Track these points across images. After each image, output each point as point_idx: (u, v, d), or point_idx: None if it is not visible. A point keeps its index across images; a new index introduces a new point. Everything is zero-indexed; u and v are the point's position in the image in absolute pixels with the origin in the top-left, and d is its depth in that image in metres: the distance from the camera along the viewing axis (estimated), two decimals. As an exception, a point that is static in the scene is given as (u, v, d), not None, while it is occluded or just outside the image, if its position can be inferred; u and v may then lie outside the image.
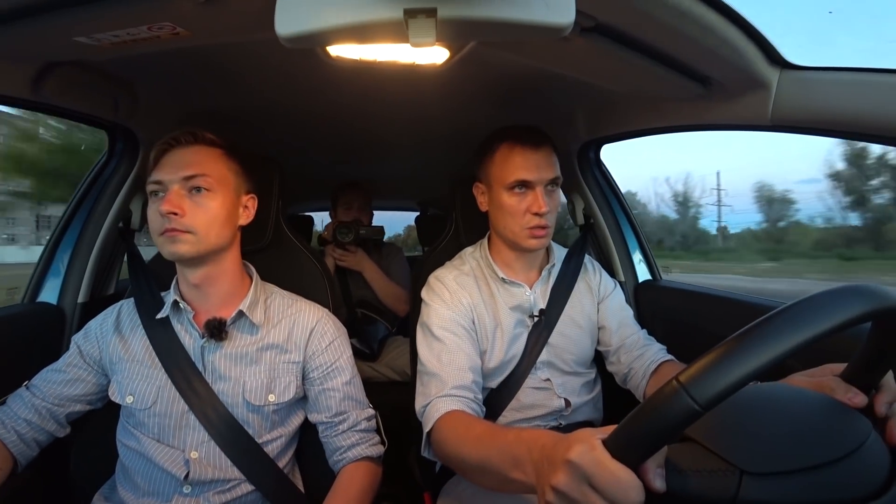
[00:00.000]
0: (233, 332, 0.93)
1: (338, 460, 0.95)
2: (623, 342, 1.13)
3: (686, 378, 0.42)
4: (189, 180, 0.86)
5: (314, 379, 0.96)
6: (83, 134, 6.50)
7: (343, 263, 1.86)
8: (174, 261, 0.89)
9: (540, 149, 1.03)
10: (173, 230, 0.83)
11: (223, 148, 0.93)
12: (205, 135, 0.91)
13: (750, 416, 0.51)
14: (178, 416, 0.89)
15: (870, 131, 0.75)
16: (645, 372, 1.06)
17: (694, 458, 0.48)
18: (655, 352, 1.09)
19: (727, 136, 3.19)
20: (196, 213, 0.85)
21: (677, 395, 0.42)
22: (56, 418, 0.91)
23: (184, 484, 0.87)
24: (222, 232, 0.89)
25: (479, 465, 0.73)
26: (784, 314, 0.43)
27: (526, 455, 0.61)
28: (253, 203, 0.97)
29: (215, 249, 0.89)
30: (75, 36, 0.74)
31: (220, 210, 0.88)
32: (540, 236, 1.04)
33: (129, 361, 0.92)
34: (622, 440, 0.46)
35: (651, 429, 0.44)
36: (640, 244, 1.53)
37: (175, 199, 0.84)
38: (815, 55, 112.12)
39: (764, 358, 0.41)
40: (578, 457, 0.48)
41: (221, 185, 0.89)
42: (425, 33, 0.52)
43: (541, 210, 1.01)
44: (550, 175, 1.03)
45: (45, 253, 1.24)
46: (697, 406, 0.41)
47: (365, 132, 1.65)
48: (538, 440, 0.60)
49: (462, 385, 0.93)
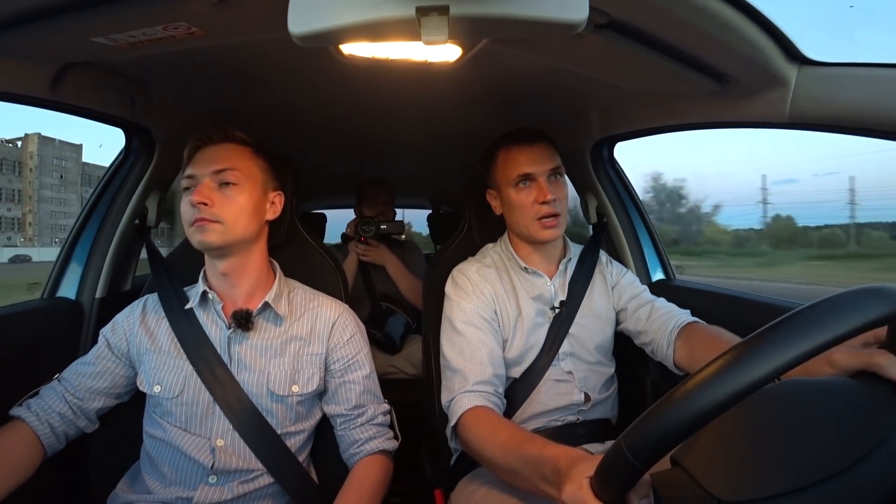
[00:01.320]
0: (259, 323, 0.95)
1: (354, 453, 0.96)
2: (640, 317, 1.13)
3: (626, 435, 0.46)
4: (219, 174, 0.90)
5: (335, 371, 0.98)
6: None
7: (366, 258, 1.89)
8: (203, 250, 0.92)
9: (536, 144, 1.09)
10: (203, 220, 0.87)
11: (252, 147, 0.97)
12: (235, 133, 0.96)
13: (737, 436, 0.51)
14: (205, 405, 0.91)
15: (892, 129, 0.73)
16: (669, 340, 1.05)
17: (676, 485, 0.49)
18: (676, 316, 1.08)
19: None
20: (225, 205, 0.89)
21: (620, 449, 0.45)
22: (86, 414, 0.94)
23: (210, 474, 0.88)
24: (249, 224, 0.92)
25: (507, 470, 0.80)
26: (790, 321, 0.42)
27: (551, 475, 0.67)
28: (280, 200, 1.01)
29: (242, 240, 0.92)
30: (93, 36, 0.75)
31: (248, 203, 0.92)
32: (552, 225, 1.07)
33: (155, 352, 0.94)
34: (601, 478, 0.51)
35: (618, 472, 0.48)
36: (653, 243, 1.51)
37: (205, 191, 0.88)
38: (835, 51, 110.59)
39: (761, 371, 0.41)
40: (569, 497, 0.57)
41: (249, 180, 0.93)
42: (438, 31, 0.52)
43: (546, 198, 1.05)
44: (550, 165, 1.08)
45: (64, 249, 1.27)
46: (637, 464, 0.44)
47: (377, 130, 1.66)
48: (557, 462, 0.66)
49: (483, 380, 0.97)
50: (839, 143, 69.04)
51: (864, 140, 0.79)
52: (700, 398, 0.41)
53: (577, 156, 1.50)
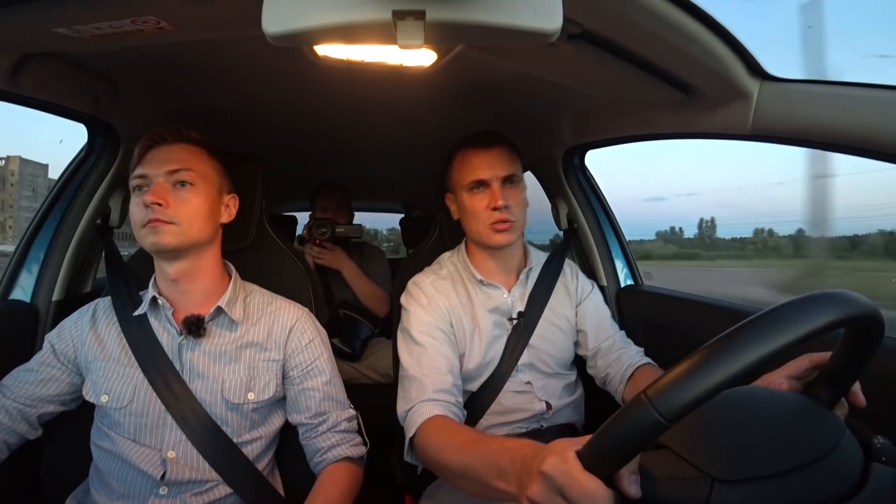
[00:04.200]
0: (212, 329, 0.92)
1: (319, 461, 0.94)
2: (600, 346, 1.14)
3: (653, 392, 0.43)
4: (174, 174, 0.87)
5: (293, 378, 0.96)
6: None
7: (321, 261, 1.84)
8: (155, 252, 0.88)
9: (492, 148, 1.07)
10: (157, 220, 0.84)
11: (206, 147, 0.94)
12: (189, 133, 0.93)
13: (723, 422, 0.52)
14: (156, 415, 0.87)
15: (847, 143, 0.77)
16: (622, 376, 1.08)
17: (667, 465, 0.49)
18: (632, 355, 1.10)
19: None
20: (179, 206, 0.86)
21: (644, 409, 0.43)
22: (27, 419, 0.89)
23: (160, 485, 0.85)
24: (205, 227, 0.90)
25: (462, 472, 0.73)
26: (755, 323, 0.44)
27: (509, 465, 0.61)
28: (234, 203, 0.98)
29: (197, 243, 0.89)
30: (56, 27, 0.72)
31: (203, 205, 0.89)
32: (503, 230, 1.05)
33: (104, 360, 0.90)
34: (594, 452, 0.47)
35: (620, 442, 0.45)
36: (622, 249, 1.54)
37: (160, 191, 0.85)
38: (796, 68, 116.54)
39: (732, 369, 0.42)
40: (551, 469, 0.49)
41: (204, 181, 0.90)
42: (414, 35, 0.52)
43: (497, 203, 1.03)
44: (504, 172, 1.06)
45: (19, 249, 1.21)
46: (663, 420, 0.42)
47: (351, 133, 1.64)
48: (520, 451, 0.61)
49: (442, 389, 0.94)
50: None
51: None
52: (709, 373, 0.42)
53: (549, 162, 1.52)
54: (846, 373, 0.56)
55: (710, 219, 15.44)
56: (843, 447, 0.49)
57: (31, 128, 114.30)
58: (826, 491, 0.46)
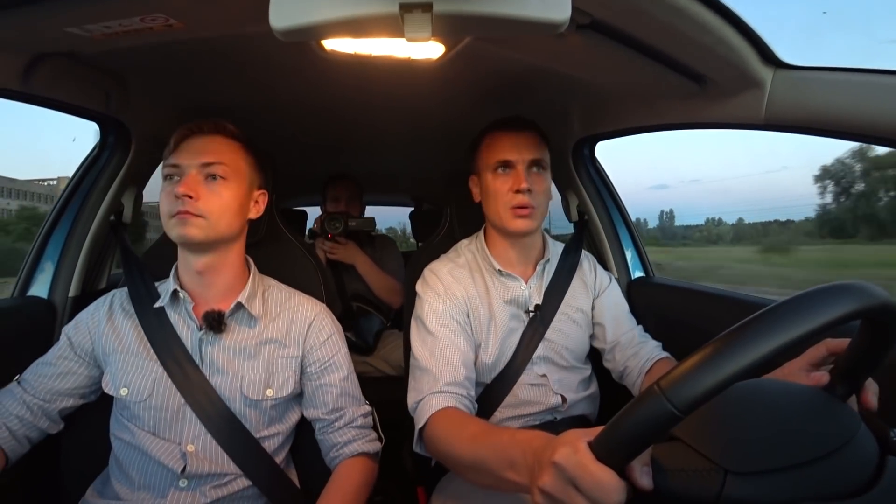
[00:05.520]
0: (232, 325, 0.92)
1: (334, 457, 0.95)
2: (618, 340, 1.14)
3: (666, 383, 0.43)
4: (206, 167, 0.87)
5: (311, 374, 0.96)
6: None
7: (334, 256, 1.83)
8: (181, 244, 0.89)
9: (521, 132, 1.06)
10: (186, 213, 0.84)
11: (242, 141, 0.94)
12: (227, 126, 0.93)
13: (736, 414, 0.52)
14: (175, 409, 0.88)
15: (863, 132, 0.76)
16: (640, 370, 1.07)
17: (679, 457, 0.49)
18: (651, 349, 1.10)
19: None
20: (210, 199, 0.86)
21: (657, 400, 0.42)
22: (48, 415, 0.90)
23: (180, 478, 0.86)
24: (233, 221, 0.90)
25: (473, 464, 0.73)
26: (767, 315, 0.43)
27: (520, 457, 0.61)
28: (263, 198, 0.98)
29: (223, 238, 0.89)
30: (66, 27, 0.73)
31: (233, 200, 0.89)
32: (524, 215, 1.04)
33: (122, 353, 0.91)
34: (606, 443, 0.47)
35: (633, 433, 0.44)
36: (633, 241, 1.53)
37: (191, 183, 0.85)
38: (809, 55, 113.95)
39: (745, 361, 0.41)
40: (563, 459, 0.49)
41: (237, 175, 0.90)
42: (421, 28, 0.52)
43: (521, 186, 1.02)
44: (531, 156, 1.05)
45: (36, 246, 1.23)
46: (677, 411, 0.41)
47: (360, 127, 1.64)
48: (531, 442, 0.60)
49: (454, 381, 0.94)
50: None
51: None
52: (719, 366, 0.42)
53: (559, 154, 1.51)
54: (862, 366, 0.55)
55: (669, 210, 16.06)
56: (859, 440, 0.48)
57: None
58: (841, 484, 0.46)
